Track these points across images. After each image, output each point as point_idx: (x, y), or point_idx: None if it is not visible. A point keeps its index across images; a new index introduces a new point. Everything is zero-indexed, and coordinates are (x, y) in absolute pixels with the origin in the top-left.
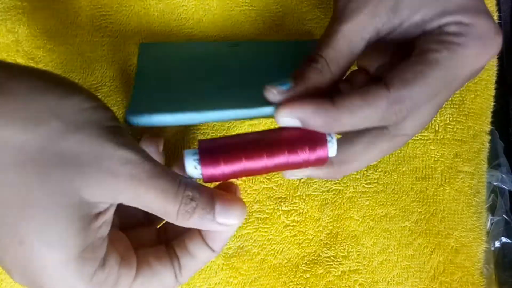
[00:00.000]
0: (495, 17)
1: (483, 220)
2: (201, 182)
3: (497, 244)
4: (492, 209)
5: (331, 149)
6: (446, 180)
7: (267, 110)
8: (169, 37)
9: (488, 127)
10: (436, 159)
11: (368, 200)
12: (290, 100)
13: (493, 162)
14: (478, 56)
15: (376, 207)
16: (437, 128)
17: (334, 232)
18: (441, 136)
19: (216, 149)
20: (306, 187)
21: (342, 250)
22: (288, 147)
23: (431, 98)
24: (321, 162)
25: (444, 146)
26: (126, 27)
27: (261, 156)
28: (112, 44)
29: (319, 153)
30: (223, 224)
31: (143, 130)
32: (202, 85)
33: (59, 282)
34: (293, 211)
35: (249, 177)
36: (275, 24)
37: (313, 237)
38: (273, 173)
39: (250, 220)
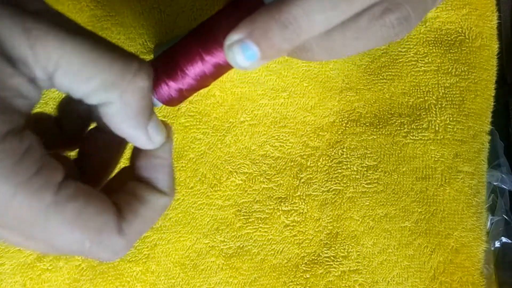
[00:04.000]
0: (495, 17)
1: (483, 220)
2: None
3: (497, 244)
4: (492, 209)
5: None
6: (446, 180)
7: None
8: (173, 39)
9: (488, 127)
10: (436, 159)
11: (368, 200)
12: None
13: (493, 162)
14: None
15: (376, 207)
16: (437, 128)
17: (334, 232)
18: (441, 136)
19: (157, 70)
20: (306, 187)
21: (342, 250)
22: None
23: None
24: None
25: (444, 146)
26: (129, 28)
27: (196, 53)
28: None
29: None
30: (152, 135)
31: None
32: None
33: None
34: (293, 211)
35: (248, 177)
36: None
37: (313, 237)
38: (273, 173)
39: (250, 220)
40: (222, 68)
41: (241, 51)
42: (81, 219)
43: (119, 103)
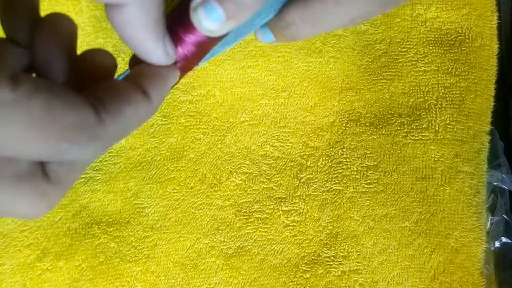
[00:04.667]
0: (495, 17)
1: (483, 220)
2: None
3: (497, 244)
4: (492, 209)
5: None
6: (446, 180)
7: None
8: None
9: (488, 127)
10: (436, 159)
11: (368, 200)
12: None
13: (493, 162)
14: None
15: (376, 207)
16: (437, 128)
17: (334, 232)
18: (441, 136)
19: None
20: (306, 187)
21: (342, 250)
22: None
23: None
24: None
25: (444, 146)
26: None
27: (174, 32)
28: (114, 45)
29: None
30: (168, 49)
31: None
32: None
33: None
34: (293, 211)
35: (248, 177)
36: None
37: (313, 237)
38: (273, 173)
39: (250, 220)
40: (202, 45)
41: (206, 13)
42: (53, 117)
43: (138, 6)
